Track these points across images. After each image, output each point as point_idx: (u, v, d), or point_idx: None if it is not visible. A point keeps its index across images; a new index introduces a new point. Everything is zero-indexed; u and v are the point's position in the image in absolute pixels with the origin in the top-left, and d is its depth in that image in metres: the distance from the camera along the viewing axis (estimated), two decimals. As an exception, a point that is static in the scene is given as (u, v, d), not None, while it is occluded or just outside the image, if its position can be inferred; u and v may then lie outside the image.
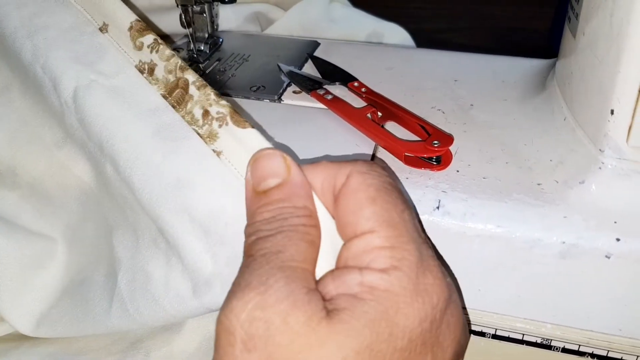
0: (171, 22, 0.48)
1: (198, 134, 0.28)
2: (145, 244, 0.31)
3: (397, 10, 0.77)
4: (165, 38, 0.48)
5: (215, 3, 0.43)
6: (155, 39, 0.30)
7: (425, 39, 0.70)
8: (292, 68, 0.42)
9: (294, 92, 0.40)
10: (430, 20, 0.77)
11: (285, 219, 0.23)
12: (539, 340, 0.33)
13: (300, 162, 0.26)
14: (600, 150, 0.30)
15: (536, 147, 0.34)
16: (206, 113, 0.28)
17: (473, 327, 0.34)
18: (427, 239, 0.25)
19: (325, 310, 0.21)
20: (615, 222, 0.29)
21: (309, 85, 0.40)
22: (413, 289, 0.21)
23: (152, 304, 0.30)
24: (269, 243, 0.22)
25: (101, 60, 0.31)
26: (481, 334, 0.34)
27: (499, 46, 0.77)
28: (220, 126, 0.27)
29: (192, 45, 0.44)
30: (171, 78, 0.29)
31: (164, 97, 0.30)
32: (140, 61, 0.31)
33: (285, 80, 0.42)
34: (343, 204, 0.23)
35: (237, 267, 0.23)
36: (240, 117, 0.27)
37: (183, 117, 0.29)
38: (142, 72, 0.30)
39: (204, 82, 0.29)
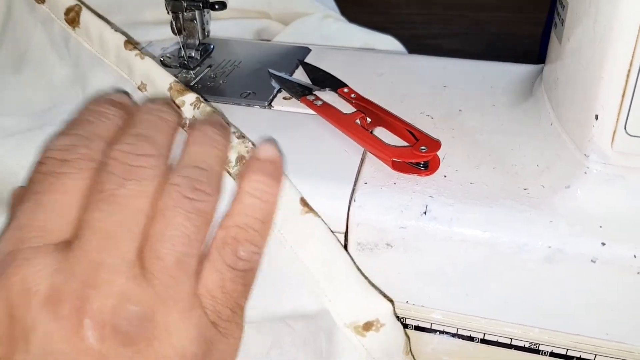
0: (162, 30, 0.49)
1: (229, 173, 0.31)
2: None
3: (390, 16, 0.78)
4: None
5: (206, 10, 0.44)
6: (197, 97, 0.34)
7: (418, 44, 0.70)
8: (282, 74, 0.43)
9: (284, 98, 0.41)
10: (424, 25, 0.78)
11: None
12: (527, 345, 0.33)
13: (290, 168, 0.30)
14: (585, 155, 0.30)
15: (523, 152, 0.34)
16: (241, 157, 0.31)
17: (461, 332, 0.34)
18: None
19: None
20: (600, 227, 0.29)
21: (299, 92, 0.40)
22: None
23: None
24: None
25: None
26: (470, 338, 0.34)
27: (491, 51, 0.77)
28: None
29: (182, 52, 0.44)
30: None
31: None
32: None
33: (276, 86, 0.42)
34: None
35: None
36: None
37: None
38: (182, 127, 0.33)
39: (243, 133, 0.32)
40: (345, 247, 0.32)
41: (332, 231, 0.31)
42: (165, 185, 0.25)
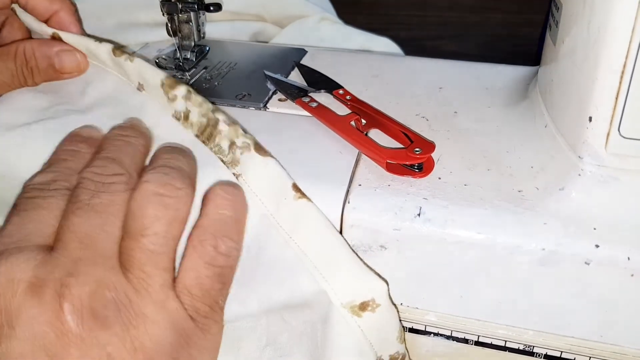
0: (158, 32, 0.49)
1: (223, 161, 0.32)
2: None
3: (386, 17, 0.78)
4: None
5: (202, 12, 0.43)
6: (188, 90, 0.35)
7: (415, 46, 0.70)
8: (278, 76, 0.43)
9: (280, 99, 0.41)
10: (420, 27, 0.78)
11: None
12: (521, 347, 0.33)
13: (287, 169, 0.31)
14: (579, 157, 0.30)
15: (518, 153, 0.34)
16: (232, 144, 0.32)
17: (456, 334, 0.34)
18: None
19: None
20: (594, 229, 0.29)
21: (295, 93, 0.40)
22: None
23: None
24: None
25: (142, 116, 0.35)
26: (464, 340, 0.34)
27: (488, 53, 0.77)
28: (242, 153, 0.31)
29: (178, 54, 0.44)
30: (204, 120, 0.34)
31: (197, 136, 0.34)
32: (175, 110, 0.35)
33: (271, 88, 0.42)
34: None
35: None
36: (263, 149, 0.32)
37: (211, 149, 0.33)
38: (178, 119, 0.35)
39: (235, 120, 0.33)
40: (340, 249, 0.32)
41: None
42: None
